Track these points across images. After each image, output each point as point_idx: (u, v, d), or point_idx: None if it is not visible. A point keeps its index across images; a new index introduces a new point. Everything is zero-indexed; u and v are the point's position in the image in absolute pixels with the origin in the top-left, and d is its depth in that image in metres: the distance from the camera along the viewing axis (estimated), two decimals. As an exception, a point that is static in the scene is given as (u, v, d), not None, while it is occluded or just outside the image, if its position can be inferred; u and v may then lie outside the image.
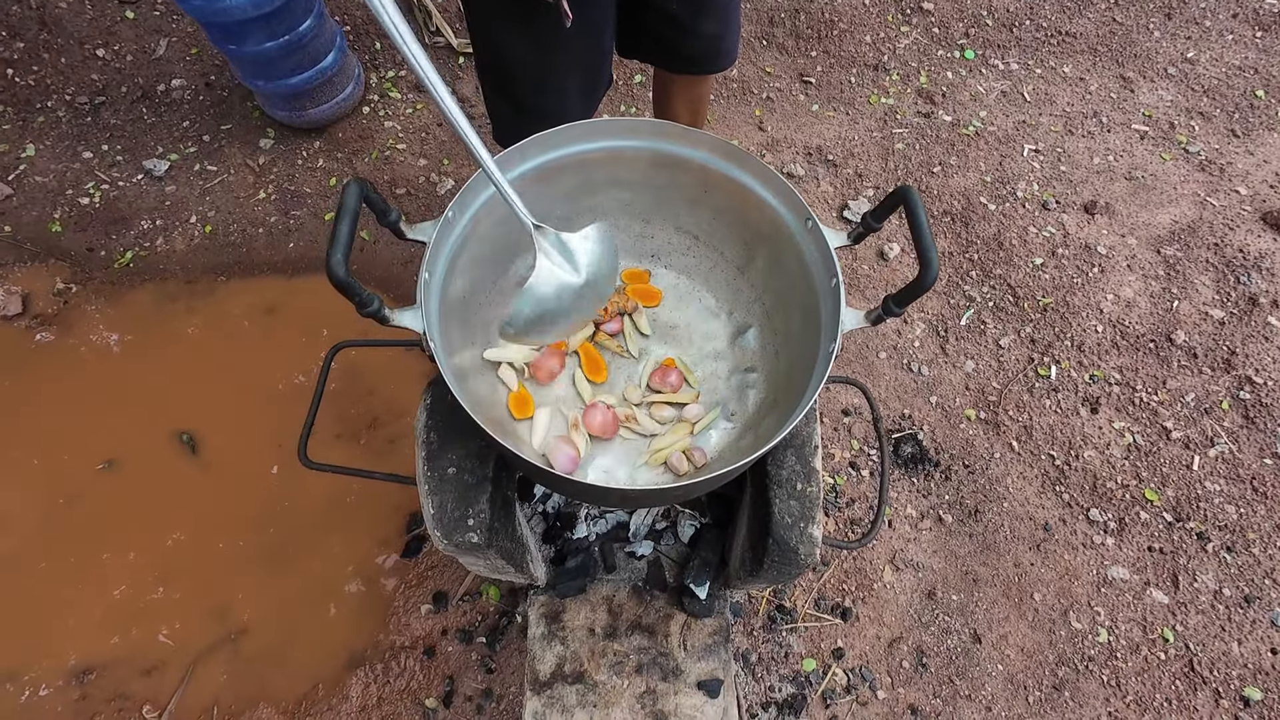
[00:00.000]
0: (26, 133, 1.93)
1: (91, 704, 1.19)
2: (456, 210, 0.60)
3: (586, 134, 0.67)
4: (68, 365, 1.56)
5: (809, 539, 0.65)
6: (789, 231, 0.65)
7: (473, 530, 0.63)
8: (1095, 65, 2.20)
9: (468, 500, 0.64)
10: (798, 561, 0.66)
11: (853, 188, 1.90)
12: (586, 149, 0.68)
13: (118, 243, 1.77)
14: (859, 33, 2.20)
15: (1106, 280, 1.73)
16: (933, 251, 0.50)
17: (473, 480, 0.65)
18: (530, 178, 0.69)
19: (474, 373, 0.72)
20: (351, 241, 0.45)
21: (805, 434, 0.69)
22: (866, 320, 0.58)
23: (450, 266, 0.62)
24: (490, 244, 0.68)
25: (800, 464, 0.68)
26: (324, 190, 1.87)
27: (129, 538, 1.35)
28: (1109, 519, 1.42)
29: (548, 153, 0.67)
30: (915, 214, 0.52)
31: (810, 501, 0.66)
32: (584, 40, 0.82)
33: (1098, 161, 1.97)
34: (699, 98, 1.26)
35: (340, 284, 0.44)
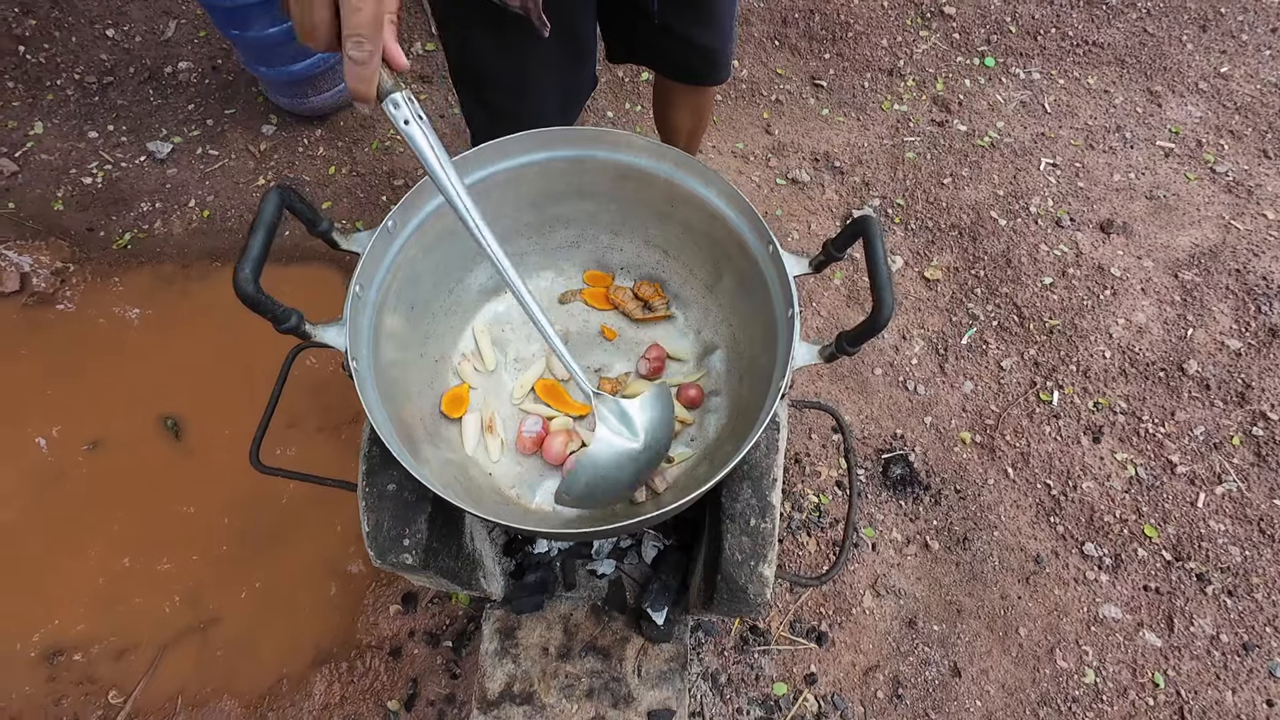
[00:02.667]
0: (35, 110, 1.95)
1: (59, 686, 1.20)
2: (400, 217, 0.58)
3: (545, 142, 0.64)
4: (61, 344, 1.57)
5: (759, 578, 0.62)
6: (752, 254, 0.62)
7: (408, 551, 0.61)
8: (1122, 77, 2.12)
9: (405, 519, 0.62)
10: (747, 600, 0.63)
11: (859, 196, 1.84)
12: (547, 157, 0.65)
13: (117, 224, 1.78)
14: (875, 36, 2.13)
15: (1118, 304, 1.66)
16: (887, 291, 0.46)
17: (413, 499, 0.63)
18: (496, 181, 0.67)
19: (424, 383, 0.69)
20: (265, 254, 0.42)
21: (764, 466, 0.66)
22: (820, 357, 0.55)
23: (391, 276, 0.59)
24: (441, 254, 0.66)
25: (756, 498, 0.64)
26: (323, 179, 1.86)
27: (109, 520, 1.35)
28: (1104, 554, 1.37)
29: (506, 159, 0.64)
30: (873, 247, 0.48)
31: (763, 539, 0.63)
32: (561, 47, 0.79)
33: (1118, 179, 1.90)
34: (701, 104, 1.22)
35: (249, 300, 0.41)
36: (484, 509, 0.57)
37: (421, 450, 0.62)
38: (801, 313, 1.65)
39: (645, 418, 0.63)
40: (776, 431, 0.69)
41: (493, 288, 0.77)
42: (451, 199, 0.46)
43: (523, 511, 0.66)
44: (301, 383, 1.51)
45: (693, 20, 0.88)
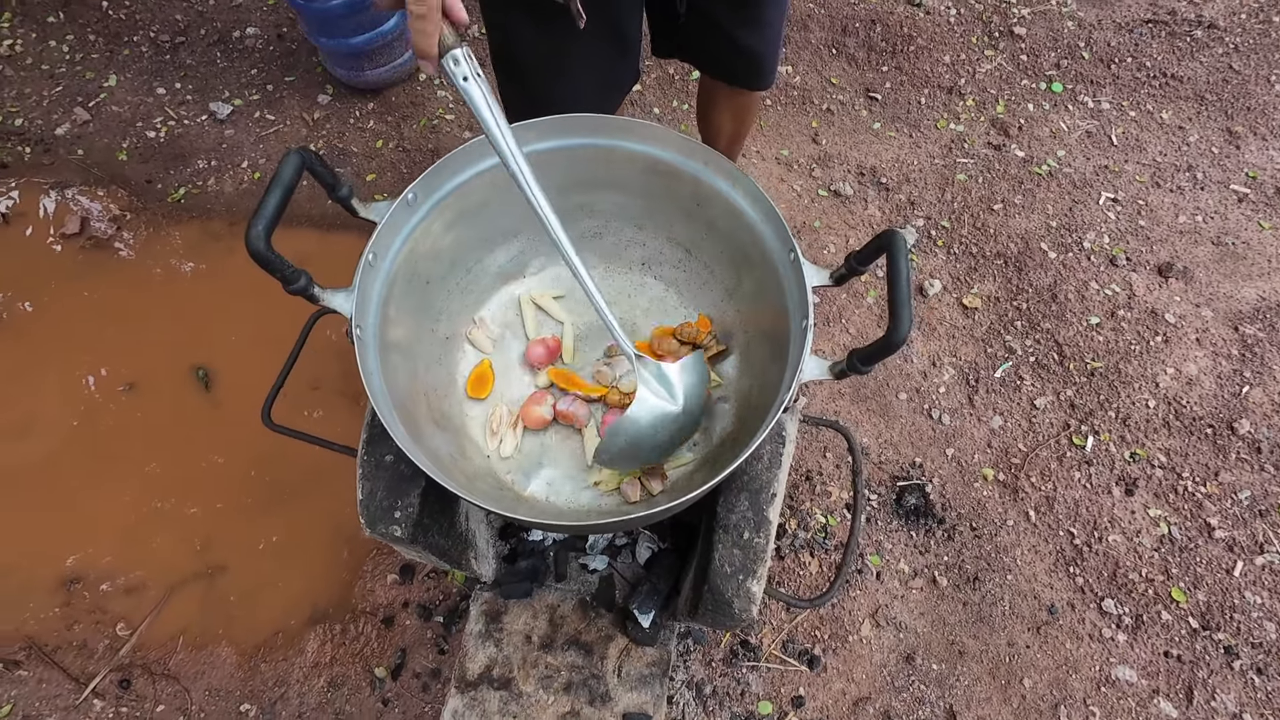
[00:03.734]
0: (111, 64, 2.04)
1: (73, 612, 1.25)
2: (421, 191, 0.58)
3: (575, 128, 0.63)
4: (111, 287, 1.65)
5: (746, 593, 0.60)
6: (774, 261, 0.60)
7: (398, 523, 0.61)
8: (1199, 114, 2.00)
9: (398, 492, 0.62)
10: (732, 614, 0.61)
11: (903, 215, 1.79)
12: (577, 143, 0.64)
13: (174, 178, 1.85)
14: (938, 52, 2.07)
15: (1169, 352, 1.58)
16: (906, 310, 0.44)
17: (408, 472, 0.63)
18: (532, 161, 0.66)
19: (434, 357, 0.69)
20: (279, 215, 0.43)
21: (764, 479, 0.64)
22: (830, 373, 0.52)
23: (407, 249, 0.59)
24: (461, 232, 0.65)
25: (753, 511, 0.62)
26: (370, 151, 1.90)
27: (135, 461, 1.41)
28: (1125, 613, 1.30)
29: (535, 142, 0.63)
30: (897, 263, 0.46)
31: (755, 554, 0.61)
32: (602, 38, 0.78)
33: (1183, 220, 1.80)
34: (743, 108, 1.20)
35: (260, 258, 0.42)
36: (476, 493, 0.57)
37: (422, 426, 0.63)
38: (828, 329, 1.61)
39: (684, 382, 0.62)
40: (782, 446, 0.66)
41: (513, 271, 0.77)
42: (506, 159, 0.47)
43: (515, 498, 0.65)
44: (330, 347, 1.54)
45: (739, 20, 0.86)
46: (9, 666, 1.18)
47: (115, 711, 1.16)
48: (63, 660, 1.20)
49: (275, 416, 0.74)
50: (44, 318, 1.59)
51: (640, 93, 1.99)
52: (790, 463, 0.68)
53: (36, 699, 1.16)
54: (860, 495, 0.74)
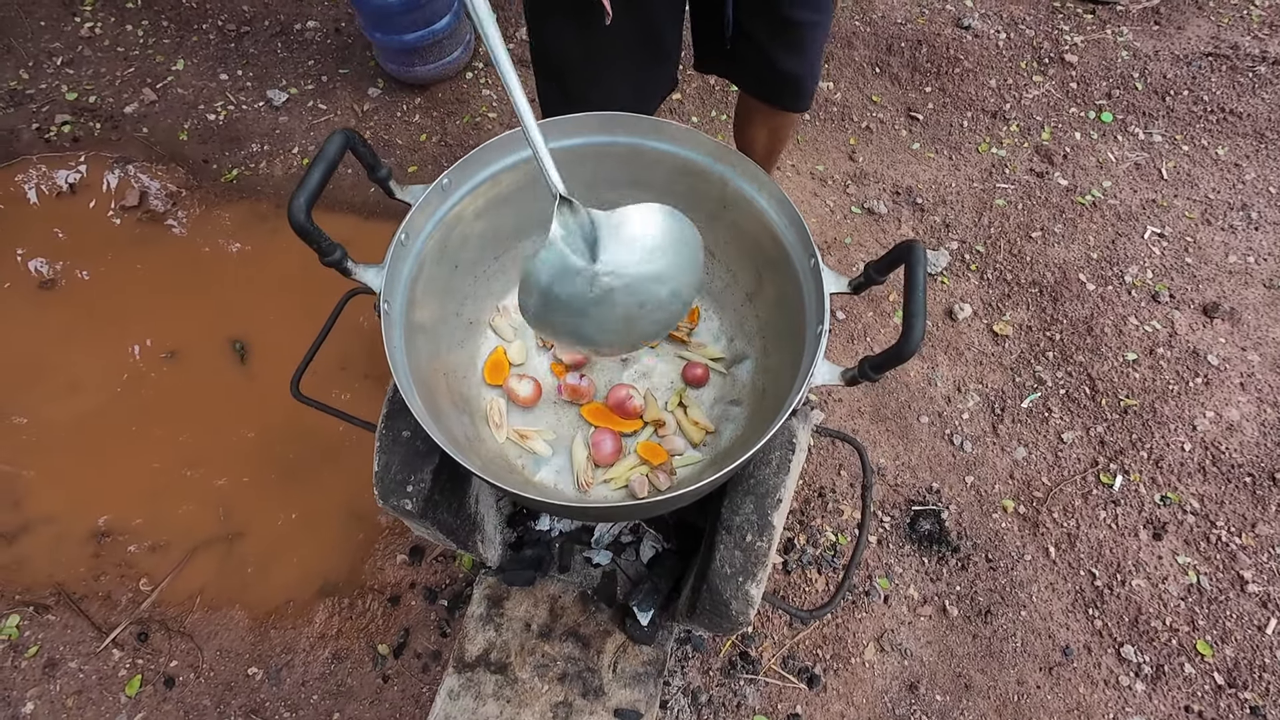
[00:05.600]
0: (180, 49, 2.15)
1: (101, 563, 1.31)
2: (455, 177, 0.60)
3: (607, 126, 0.64)
4: (162, 258, 1.73)
5: (744, 595, 0.60)
6: (795, 267, 0.60)
7: (409, 498, 0.63)
8: (1259, 152, 1.93)
9: (412, 467, 0.64)
10: (729, 616, 0.61)
11: (936, 237, 1.76)
12: (608, 141, 0.66)
13: (229, 159, 1.93)
14: (984, 75, 2.04)
15: (1210, 395, 1.52)
16: (920, 320, 0.44)
17: (423, 449, 0.65)
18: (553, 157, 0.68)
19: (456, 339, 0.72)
20: (321, 189, 0.45)
21: (771, 484, 0.64)
22: (841, 379, 0.52)
23: (439, 233, 0.62)
24: (492, 220, 0.68)
25: (757, 514, 0.62)
26: (414, 144, 1.96)
27: (171, 426, 1.47)
28: (1145, 661, 1.24)
29: (566, 138, 0.65)
30: (914, 274, 0.46)
31: (756, 557, 0.61)
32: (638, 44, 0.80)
33: (1233, 260, 1.73)
34: (779, 126, 1.20)
35: (300, 228, 0.44)
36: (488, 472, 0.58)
37: (441, 406, 0.64)
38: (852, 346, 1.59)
39: (626, 238, 0.48)
40: (792, 453, 0.66)
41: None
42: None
43: (524, 482, 0.67)
44: (359, 331, 1.59)
45: (781, 44, 0.87)
46: (39, 610, 1.24)
47: (132, 662, 1.20)
48: (88, 609, 1.25)
49: (303, 389, 0.77)
50: (98, 285, 1.68)
51: (679, 101, 2.01)
52: (800, 471, 0.68)
53: (61, 643, 1.22)
54: (869, 510, 0.73)
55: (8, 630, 1.22)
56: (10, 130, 1.97)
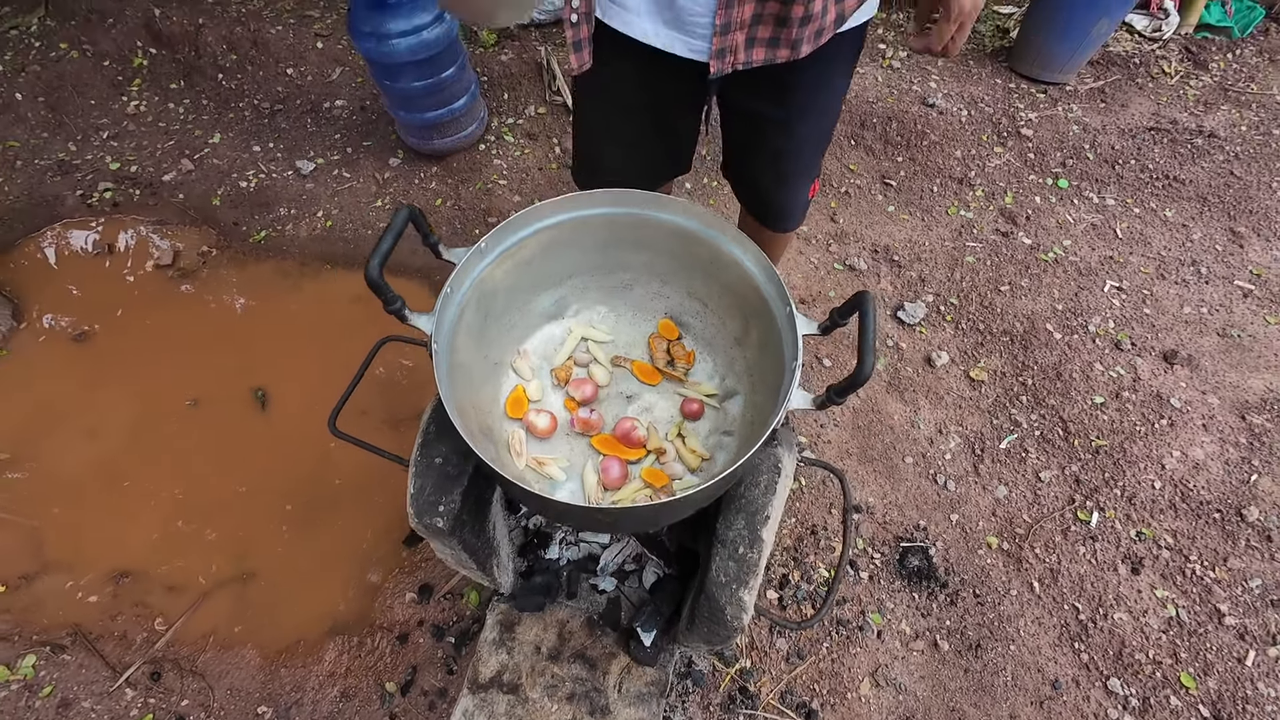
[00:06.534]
0: (218, 124, 2.35)
1: (119, 603, 1.35)
2: (490, 243, 0.72)
3: (617, 200, 0.77)
4: (191, 312, 1.84)
5: (738, 601, 0.67)
6: (774, 314, 0.71)
7: (440, 516, 0.71)
8: (1202, 214, 2.12)
9: (444, 489, 0.72)
10: (725, 622, 0.68)
11: (913, 290, 1.91)
12: (616, 211, 0.78)
13: (258, 222, 2.09)
14: (950, 146, 2.25)
15: (1175, 436, 1.61)
16: (870, 354, 0.54)
17: (454, 473, 0.73)
18: (567, 227, 0.81)
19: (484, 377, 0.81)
20: (390, 253, 0.56)
21: (760, 503, 0.72)
22: (813, 404, 0.62)
23: (476, 288, 0.73)
24: (518, 277, 0.79)
25: (748, 529, 0.71)
26: (430, 208, 2.12)
27: (191, 469, 1.54)
28: (1131, 694, 1.28)
29: (581, 209, 0.78)
30: (866, 319, 0.57)
31: (748, 567, 0.69)
32: (650, 126, 0.95)
33: (1188, 311, 1.87)
34: (772, 241, 1.27)
35: (373, 284, 0.55)
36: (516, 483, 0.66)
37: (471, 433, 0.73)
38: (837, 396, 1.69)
39: None
40: (778, 476, 0.75)
41: (554, 312, 0.90)
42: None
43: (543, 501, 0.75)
44: (378, 380, 1.69)
45: (772, 177, 1.01)
46: (55, 650, 1.27)
47: (144, 701, 1.22)
48: (103, 649, 1.28)
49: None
50: (129, 337, 1.79)
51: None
52: (787, 494, 0.77)
53: (75, 683, 1.24)
54: (850, 532, 0.81)
55: (24, 670, 1.24)
56: (56, 196, 2.13)
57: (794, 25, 0.75)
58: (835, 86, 0.91)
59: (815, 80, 0.87)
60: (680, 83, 0.86)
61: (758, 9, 0.75)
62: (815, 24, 0.76)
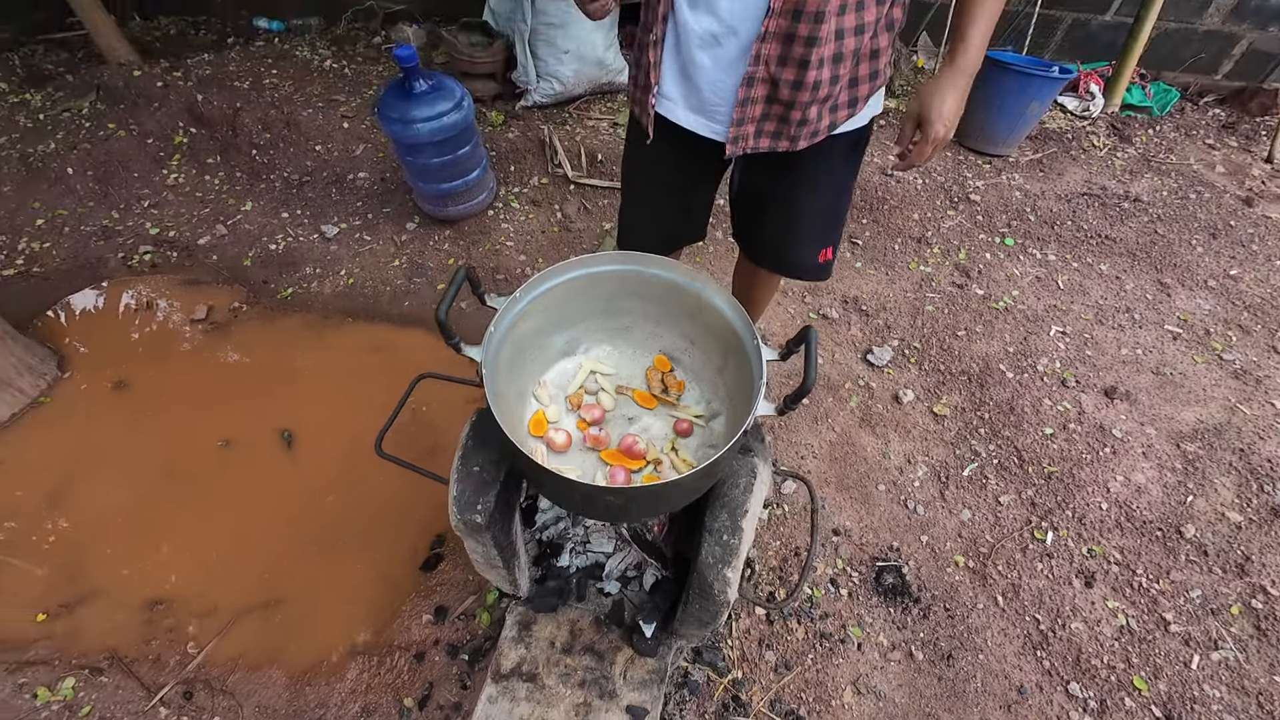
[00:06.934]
0: (250, 194, 2.59)
1: (153, 629, 1.44)
2: (523, 293, 0.91)
3: (623, 260, 0.97)
4: (223, 362, 2.01)
5: (723, 578, 0.82)
6: (746, 349, 0.90)
7: (479, 513, 0.86)
8: (1133, 268, 2.38)
9: (481, 491, 0.88)
10: (713, 596, 0.83)
11: (880, 336, 2.12)
12: (620, 269, 0.98)
13: (285, 280, 2.29)
14: (908, 210, 2.53)
15: (1118, 462, 1.79)
16: (813, 372, 0.72)
17: (488, 479, 0.89)
18: (581, 281, 1.00)
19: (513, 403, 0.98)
20: (453, 300, 0.74)
21: (739, 500, 0.88)
22: (775, 410, 0.80)
23: (510, 328, 0.91)
24: (540, 321, 0.98)
25: (730, 521, 0.86)
26: (442, 267, 2.34)
27: (222, 504, 1.66)
28: (1090, 697, 1.40)
29: (596, 266, 0.98)
30: (809, 346, 0.75)
31: (731, 550, 0.84)
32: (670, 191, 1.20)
33: (1125, 352, 2.09)
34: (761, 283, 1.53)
35: (440, 324, 0.73)
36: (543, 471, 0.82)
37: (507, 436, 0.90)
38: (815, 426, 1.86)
39: None
40: (754, 479, 0.92)
41: (568, 350, 1.08)
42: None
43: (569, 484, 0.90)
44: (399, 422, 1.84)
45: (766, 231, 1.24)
46: (93, 673, 1.36)
47: (177, 719, 1.31)
48: (138, 671, 1.37)
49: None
50: (167, 383, 1.94)
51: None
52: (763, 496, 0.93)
53: (112, 703, 1.32)
54: (817, 529, 0.97)
55: (64, 691, 1.33)
56: (99, 258, 2.34)
57: (793, 125, 0.99)
58: (835, 171, 1.12)
59: (813, 166, 1.09)
60: (704, 160, 1.10)
61: (765, 110, 0.98)
62: (810, 126, 0.99)
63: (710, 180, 1.20)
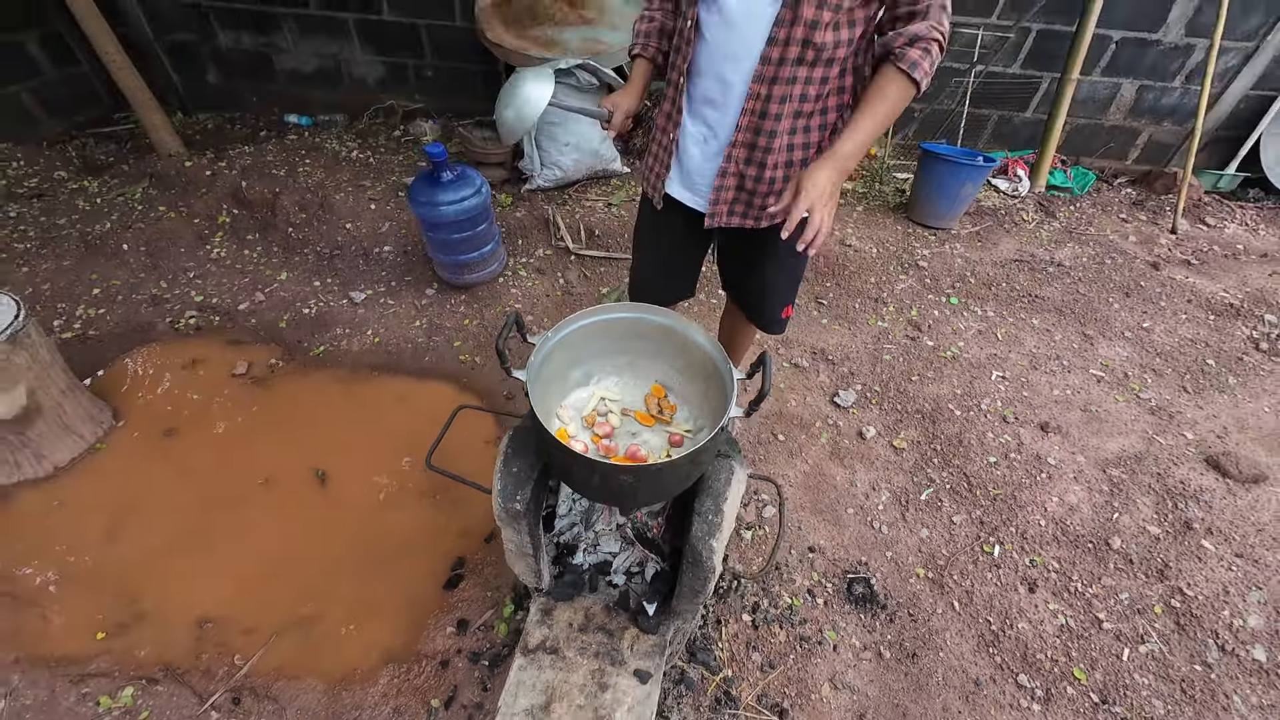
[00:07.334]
0: (285, 265, 2.91)
1: (202, 644, 1.60)
2: (553, 333, 1.19)
3: (630, 309, 1.27)
4: (262, 411, 2.24)
5: (709, 547, 1.05)
6: (722, 374, 1.18)
7: (518, 502, 1.09)
8: (1060, 322, 2.75)
9: (519, 486, 1.12)
10: (702, 563, 1.06)
11: (845, 381, 2.42)
12: (629, 316, 1.28)
13: (317, 339, 2.56)
14: (865, 275, 2.91)
15: (1053, 485, 2.06)
16: (768, 382, 1.00)
17: (524, 478, 1.13)
18: (598, 326, 1.29)
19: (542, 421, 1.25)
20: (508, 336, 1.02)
21: (721, 490, 1.13)
22: (744, 412, 1.06)
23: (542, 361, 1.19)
24: (566, 355, 1.26)
25: (714, 504, 1.11)
26: (458, 327, 2.64)
27: (265, 534, 1.85)
28: (1037, 686, 1.59)
29: (607, 315, 1.27)
30: (766, 367, 1.04)
31: (715, 526, 1.08)
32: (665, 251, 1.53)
33: (1056, 393, 2.41)
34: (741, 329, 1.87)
35: (499, 352, 1.01)
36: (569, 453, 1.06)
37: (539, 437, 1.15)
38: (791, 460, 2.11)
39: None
40: (732, 475, 1.18)
41: (583, 380, 1.36)
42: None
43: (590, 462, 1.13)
44: (414, 459, 2.07)
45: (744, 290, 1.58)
46: (149, 683, 1.51)
47: (228, 721, 1.45)
48: (190, 681, 1.52)
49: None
50: (211, 431, 2.16)
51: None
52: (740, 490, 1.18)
53: (168, 709, 1.47)
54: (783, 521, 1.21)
55: (123, 699, 1.47)
56: (148, 323, 2.60)
57: (755, 209, 1.33)
58: (792, 247, 1.42)
59: (776, 242, 1.42)
60: (693, 228, 1.43)
61: (735, 195, 1.33)
62: (769, 210, 1.32)
63: (698, 245, 1.53)
